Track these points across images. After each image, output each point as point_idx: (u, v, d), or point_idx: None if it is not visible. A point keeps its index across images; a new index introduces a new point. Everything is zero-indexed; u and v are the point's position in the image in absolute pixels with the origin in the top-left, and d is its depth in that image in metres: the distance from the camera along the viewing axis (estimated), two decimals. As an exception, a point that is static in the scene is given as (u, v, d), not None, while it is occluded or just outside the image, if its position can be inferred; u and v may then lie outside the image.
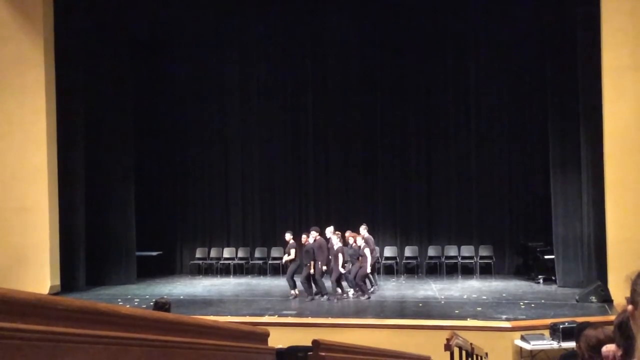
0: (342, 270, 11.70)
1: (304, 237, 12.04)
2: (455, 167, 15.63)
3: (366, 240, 12.04)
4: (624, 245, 10.30)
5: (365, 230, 12.50)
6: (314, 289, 11.86)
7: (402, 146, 15.80)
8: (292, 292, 12.09)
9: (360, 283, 11.80)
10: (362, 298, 11.68)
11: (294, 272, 12.22)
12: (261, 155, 16.35)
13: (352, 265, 12.02)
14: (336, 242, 11.85)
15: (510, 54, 15.01)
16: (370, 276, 12.46)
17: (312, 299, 11.69)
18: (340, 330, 9.26)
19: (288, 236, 12.59)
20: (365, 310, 10.95)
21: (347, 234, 12.53)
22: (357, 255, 11.85)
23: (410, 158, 15.81)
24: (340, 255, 11.62)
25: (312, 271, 11.69)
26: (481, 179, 15.45)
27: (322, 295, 11.76)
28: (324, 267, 11.68)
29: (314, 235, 11.96)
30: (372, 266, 12.41)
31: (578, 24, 11.99)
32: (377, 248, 13.47)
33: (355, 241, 12.06)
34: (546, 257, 13.28)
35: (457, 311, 10.43)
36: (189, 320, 3.24)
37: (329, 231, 12.34)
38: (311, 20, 15.82)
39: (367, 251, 11.75)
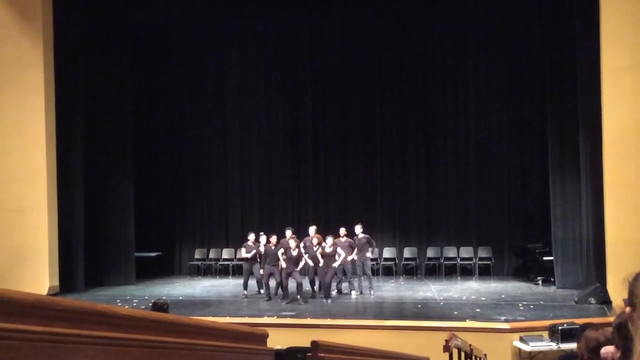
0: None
1: (273, 238, 12.15)
2: (454, 167, 15.64)
3: (336, 243, 11.94)
4: (623, 246, 10.29)
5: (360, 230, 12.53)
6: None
7: (401, 146, 15.81)
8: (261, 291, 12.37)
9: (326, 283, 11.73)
10: (327, 301, 11.56)
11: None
12: (260, 156, 16.35)
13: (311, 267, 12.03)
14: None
15: (509, 55, 15.00)
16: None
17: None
18: (339, 331, 9.25)
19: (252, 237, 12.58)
20: (365, 311, 10.95)
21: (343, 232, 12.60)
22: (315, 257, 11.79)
23: (410, 158, 15.82)
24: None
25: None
26: (480, 180, 15.46)
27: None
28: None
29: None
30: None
31: (577, 24, 11.99)
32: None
33: (319, 243, 11.99)
34: (545, 258, 13.28)
35: (456, 312, 10.44)
36: (187, 321, 3.23)
37: (312, 230, 12.61)
38: (311, 19, 15.82)
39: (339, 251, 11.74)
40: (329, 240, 11.80)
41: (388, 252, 15.41)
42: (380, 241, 15.07)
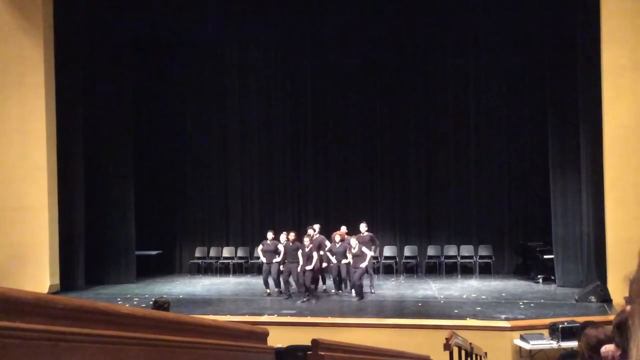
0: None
1: (291, 235, 12.05)
2: (454, 166, 15.63)
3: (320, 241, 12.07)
4: (624, 244, 10.28)
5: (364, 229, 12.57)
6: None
7: (401, 146, 15.80)
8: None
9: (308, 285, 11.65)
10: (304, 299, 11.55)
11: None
12: (260, 155, 16.35)
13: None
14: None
15: (510, 53, 14.99)
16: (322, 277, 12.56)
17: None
18: (340, 329, 9.26)
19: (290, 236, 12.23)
20: (365, 310, 10.96)
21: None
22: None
23: (410, 157, 15.81)
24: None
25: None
26: (481, 178, 15.46)
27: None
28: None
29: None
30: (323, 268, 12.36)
31: (578, 23, 11.99)
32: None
33: (341, 240, 12.06)
34: (545, 256, 13.28)
35: (456, 311, 10.44)
36: (188, 319, 3.23)
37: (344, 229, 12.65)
38: (311, 19, 15.80)
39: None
40: (353, 241, 11.79)
41: (388, 251, 15.41)
42: (380, 239, 15.02)
